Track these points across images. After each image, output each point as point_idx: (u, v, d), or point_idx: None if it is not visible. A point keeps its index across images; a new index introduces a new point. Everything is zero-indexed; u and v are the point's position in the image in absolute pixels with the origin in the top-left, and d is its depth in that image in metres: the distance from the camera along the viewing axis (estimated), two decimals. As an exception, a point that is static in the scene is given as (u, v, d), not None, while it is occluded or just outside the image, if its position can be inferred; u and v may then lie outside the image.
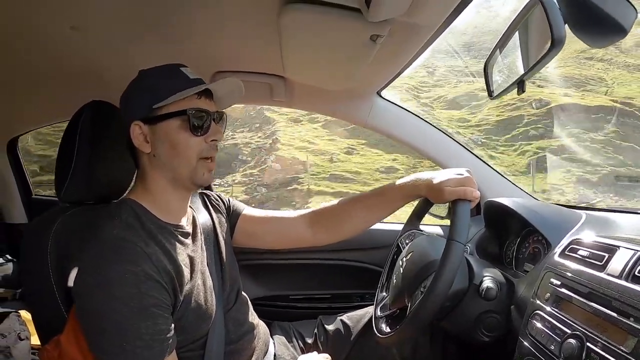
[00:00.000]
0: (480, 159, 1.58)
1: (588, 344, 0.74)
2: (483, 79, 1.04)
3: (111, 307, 0.78)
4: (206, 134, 0.94)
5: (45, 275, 0.90)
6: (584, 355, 0.73)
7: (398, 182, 1.12)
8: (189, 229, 1.01)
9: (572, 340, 0.76)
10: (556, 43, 0.67)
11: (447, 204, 1.53)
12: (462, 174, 0.99)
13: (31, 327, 1.49)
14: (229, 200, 1.26)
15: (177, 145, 0.91)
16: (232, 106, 1.12)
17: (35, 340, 1.43)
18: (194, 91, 0.91)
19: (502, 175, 1.57)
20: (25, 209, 2.09)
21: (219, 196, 1.25)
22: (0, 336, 1.38)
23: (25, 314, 1.53)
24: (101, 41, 1.13)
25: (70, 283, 0.87)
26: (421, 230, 1.23)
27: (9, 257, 1.92)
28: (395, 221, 1.74)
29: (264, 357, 1.15)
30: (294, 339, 1.30)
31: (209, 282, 1.00)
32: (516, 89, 0.85)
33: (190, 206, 1.07)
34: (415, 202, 1.25)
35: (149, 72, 0.95)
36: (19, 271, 1.88)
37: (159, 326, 0.81)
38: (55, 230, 0.93)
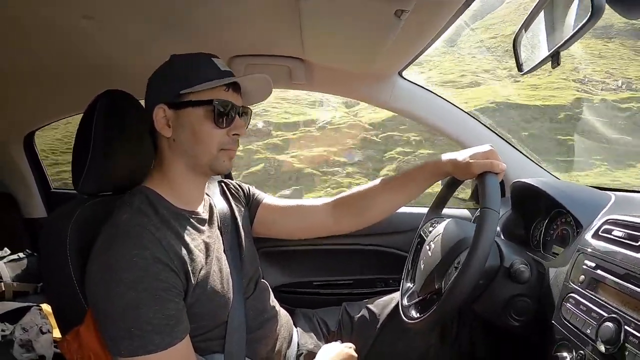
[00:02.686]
0: (504, 139, 1.54)
1: (626, 326, 0.72)
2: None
3: (119, 291, 0.77)
4: (229, 126, 0.94)
5: (65, 267, 0.89)
6: (622, 338, 0.71)
7: (423, 163, 1.11)
8: (205, 215, 1.01)
9: (609, 324, 0.74)
10: (595, 12, 0.65)
11: (471, 187, 1.52)
12: (486, 148, 0.99)
13: (52, 321, 1.49)
14: (249, 188, 1.25)
15: (198, 134, 0.92)
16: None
17: (56, 333, 1.44)
18: (224, 82, 0.91)
19: (526, 156, 1.54)
20: (44, 203, 2.11)
21: (238, 185, 1.24)
22: (22, 330, 1.40)
23: (47, 308, 1.54)
24: (114, 30, 1.12)
25: None
26: (443, 218, 1.20)
27: (29, 252, 1.93)
28: (417, 205, 1.72)
29: (287, 345, 1.14)
30: (318, 327, 1.29)
31: (226, 269, 0.99)
32: (550, 62, 0.81)
33: (207, 194, 1.07)
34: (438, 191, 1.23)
35: (180, 58, 0.95)
36: (39, 265, 1.91)
37: (169, 311, 0.80)
38: (74, 222, 0.92)
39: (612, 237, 0.87)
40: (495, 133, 1.55)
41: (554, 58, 0.78)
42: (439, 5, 0.89)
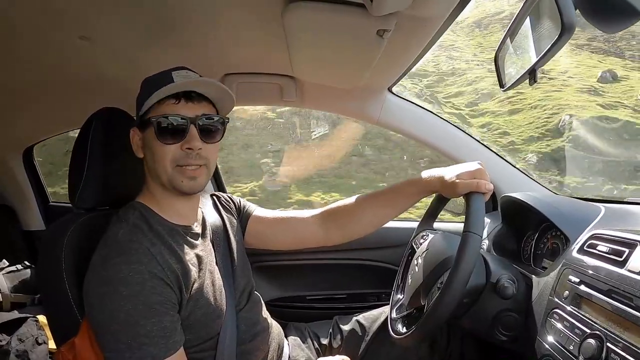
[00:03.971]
0: (496, 153, 1.54)
1: (608, 344, 0.71)
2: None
3: (117, 305, 0.80)
4: (179, 141, 0.90)
5: (60, 280, 0.91)
6: (603, 355, 0.71)
7: (411, 178, 1.11)
8: (197, 229, 1.02)
9: (591, 340, 0.74)
10: (567, 29, 0.64)
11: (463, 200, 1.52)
12: (474, 167, 0.98)
13: (48, 332, 1.50)
14: (239, 201, 1.25)
15: (154, 152, 0.92)
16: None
17: (52, 344, 1.45)
18: (156, 99, 0.89)
19: (519, 170, 1.54)
20: (43, 215, 2.14)
21: (230, 197, 1.25)
22: (18, 341, 1.41)
23: (43, 319, 1.54)
24: (110, 49, 1.15)
25: None
26: (435, 230, 1.20)
27: (27, 264, 1.96)
28: (410, 219, 1.72)
29: (278, 357, 1.15)
30: (309, 340, 1.29)
31: (219, 281, 1.00)
32: (528, 80, 0.81)
33: (199, 207, 1.08)
34: (429, 202, 1.23)
35: (148, 79, 0.96)
36: (36, 277, 1.92)
37: (164, 323, 0.83)
38: (70, 237, 0.94)
39: (596, 252, 0.86)
40: (487, 147, 1.55)
41: (531, 75, 0.79)
42: (420, 23, 0.90)
